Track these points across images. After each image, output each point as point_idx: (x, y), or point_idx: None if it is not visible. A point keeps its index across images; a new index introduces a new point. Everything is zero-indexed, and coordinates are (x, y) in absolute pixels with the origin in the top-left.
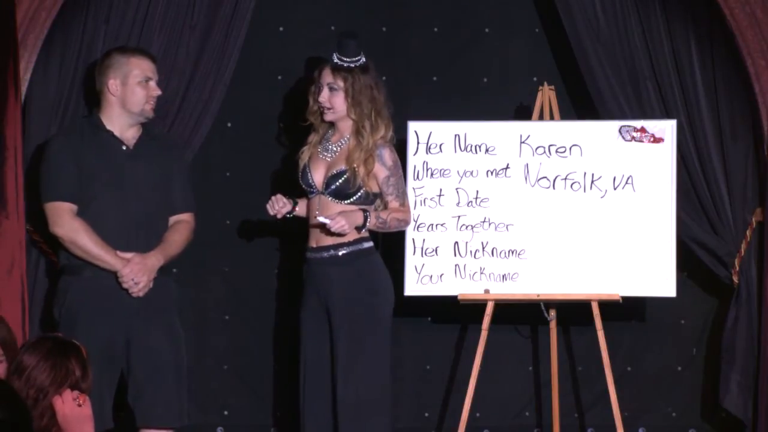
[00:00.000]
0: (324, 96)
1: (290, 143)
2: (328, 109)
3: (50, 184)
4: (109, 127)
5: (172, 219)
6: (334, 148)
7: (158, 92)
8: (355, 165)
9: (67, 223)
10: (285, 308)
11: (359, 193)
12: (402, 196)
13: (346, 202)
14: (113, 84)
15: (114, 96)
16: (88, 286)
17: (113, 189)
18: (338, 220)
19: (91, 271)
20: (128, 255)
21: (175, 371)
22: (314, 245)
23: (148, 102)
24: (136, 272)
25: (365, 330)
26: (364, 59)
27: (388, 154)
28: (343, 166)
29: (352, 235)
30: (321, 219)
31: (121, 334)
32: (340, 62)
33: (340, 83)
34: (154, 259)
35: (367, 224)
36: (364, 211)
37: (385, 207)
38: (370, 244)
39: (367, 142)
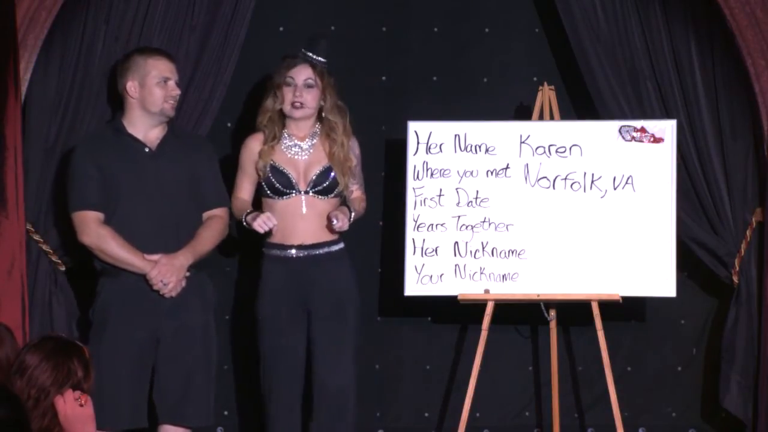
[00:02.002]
0: (300, 92)
1: None
2: (302, 106)
3: (75, 194)
4: (130, 129)
5: (205, 215)
6: (305, 146)
7: (177, 92)
8: (340, 164)
9: (93, 231)
10: None
11: (338, 188)
12: (362, 184)
13: (329, 197)
14: (132, 86)
15: (133, 98)
16: (121, 288)
17: (139, 192)
18: (342, 219)
19: (126, 273)
20: (155, 257)
21: (204, 370)
22: (297, 243)
23: (166, 101)
24: (164, 273)
25: (351, 324)
26: None
27: (356, 145)
28: (326, 164)
29: (337, 233)
30: (336, 222)
31: (152, 333)
32: (316, 59)
33: (318, 81)
34: (183, 258)
35: (351, 217)
36: (348, 206)
37: (343, 194)
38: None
39: (342, 141)
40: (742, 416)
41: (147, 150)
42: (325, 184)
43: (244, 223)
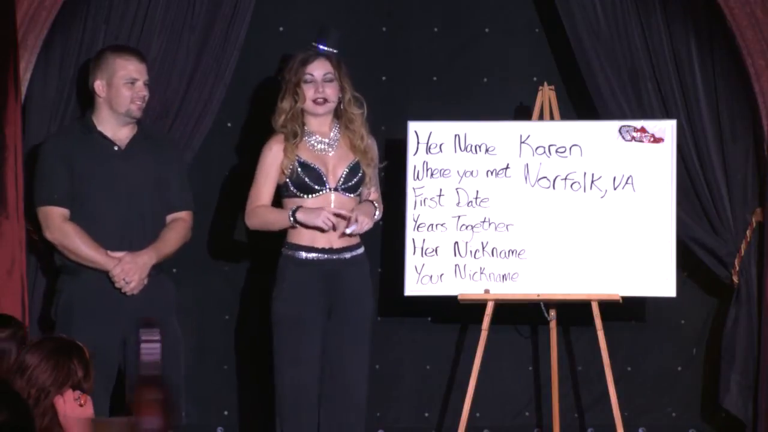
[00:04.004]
0: (322, 87)
1: None
2: (325, 101)
3: (41, 189)
4: (100, 127)
5: (169, 217)
6: (331, 142)
7: (144, 93)
8: (362, 155)
9: (57, 227)
10: None
11: (361, 185)
12: (378, 188)
13: (354, 194)
14: (99, 85)
15: (101, 97)
16: (83, 286)
17: (105, 189)
18: (363, 221)
19: (86, 272)
20: (119, 254)
21: (172, 372)
22: (328, 246)
23: (133, 102)
24: (127, 271)
25: (369, 328)
26: None
27: (376, 148)
28: (353, 159)
29: (360, 236)
30: (350, 230)
31: (116, 333)
32: (331, 52)
33: (337, 73)
34: (146, 257)
35: (375, 215)
36: (372, 203)
37: (360, 196)
38: None
39: (362, 133)
40: (742, 416)
41: (116, 148)
42: (354, 181)
43: (293, 223)
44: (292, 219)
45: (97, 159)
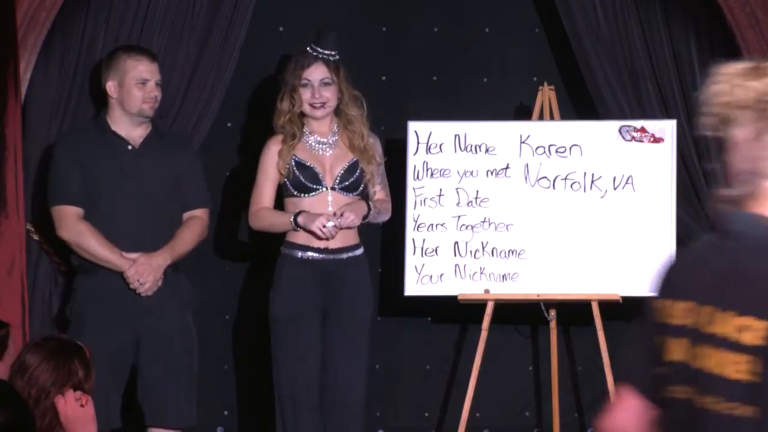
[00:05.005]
0: (319, 92)
1: None
2: (323, 105)
3: (55, 188)
4: (113, 127)
5: (186, 215)
6: (329, 142)
7: (155, 93)
8: (362, 153)
9: (71, 226)
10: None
11: (363, 184)
12: (386, 186)
13: (354, 194)
14: (111, 85)
15: (113, 97)
16: (98, 286)
17: (120, 189)
18: (347, 216)
19: (102, 271)
20: (134, 255)
21: (186, 371)
22: (323, 246)
23: (145, 102)
24: (141, 272)
25: (368, 329)
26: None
27: (379, 145)
28: (351, 159)
29: (358, 237)
30: (332, 223)
31: (130, 333)
32: (329, 55)
33: (334, 77)
34: (161, 259)
35: (370, 215)
36: (366, 201)
37: (367, 196)
38: None
39: (361, 132)
40: None
41: (130, 148)
42: (351, 180)
43: (295, 227)
44: (293, 223)
45: (110, 158)
